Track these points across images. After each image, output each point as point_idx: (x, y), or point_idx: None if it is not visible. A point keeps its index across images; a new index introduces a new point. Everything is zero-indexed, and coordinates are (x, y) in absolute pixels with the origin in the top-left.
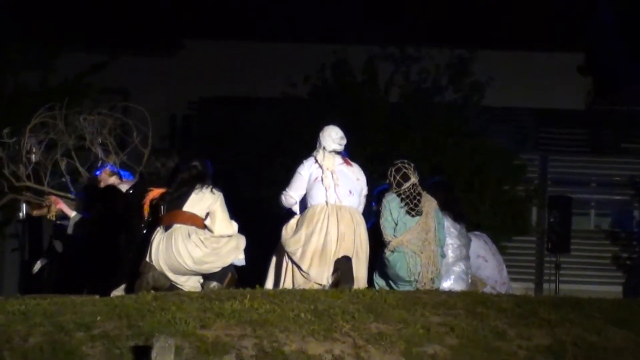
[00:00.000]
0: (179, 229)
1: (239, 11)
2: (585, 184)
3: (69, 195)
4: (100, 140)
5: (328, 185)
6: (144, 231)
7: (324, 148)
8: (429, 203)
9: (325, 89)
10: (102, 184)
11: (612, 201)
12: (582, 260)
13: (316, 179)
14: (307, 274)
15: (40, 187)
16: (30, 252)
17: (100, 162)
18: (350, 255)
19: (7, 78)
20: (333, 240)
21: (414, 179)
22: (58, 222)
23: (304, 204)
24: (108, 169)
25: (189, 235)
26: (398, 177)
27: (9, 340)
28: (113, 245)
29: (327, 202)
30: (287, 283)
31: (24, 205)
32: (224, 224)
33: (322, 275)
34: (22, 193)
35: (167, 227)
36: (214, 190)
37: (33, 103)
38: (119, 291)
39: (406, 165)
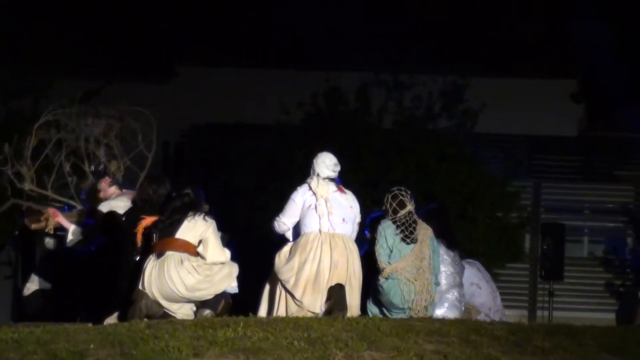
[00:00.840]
0: (171, 256)
1: (232, 38)
2: (579, 211)
3: (71, 202)
4: (105, 142)
5: (322, 213)
6: (137, 258)
7: (318, 175)
8: (424, 231)
9: (318, 115)
10: (102, 194)
11: (606, 228)
12: (575, 287)
13: (310, 206)
14: (301, 302)
15: (44, 192)
16: (23, 280)
17: (102, 166)
18: (344, 283)
19: None
20: (326, 268)
21: (410, 207)
22: (58, 232)
23: (297, 231)
24: (108, 178)
25: (182, 262)
26: (394, 204)
27: None
28: (110, 272)
29: (320, 230)
30: (280, 311)
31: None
32: (216, 251)
33: (315, 304)
34: (24, 198)
35: (159, 255)
36: (206, 217)
37: (26, 129)
38: (112, 319)
39: (403, 193)
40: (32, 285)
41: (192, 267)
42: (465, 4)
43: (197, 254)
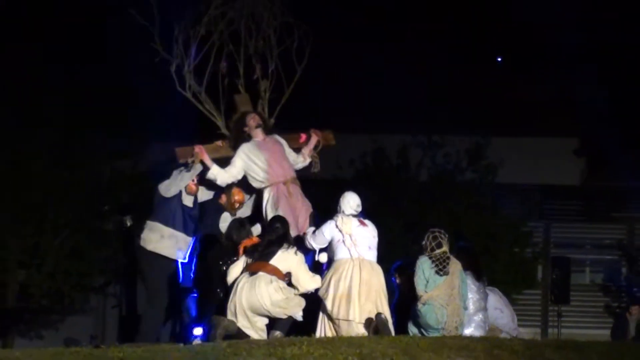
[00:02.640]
0: (263, 276)
1: (298, 105)
2: (582, 247)
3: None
4: None
5: (350, 245)
6: (224, 268)
7: (343, 212)
8: (455, 265)
9: (366, 171)
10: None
11: (604, 260)
12: (580, 309)
13: (338, 240)
14: (337, 313)
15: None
16: (127, 308)
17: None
18: (373, 297)
19: (103, 165)
20: (356, 284)
21: (445, 247)
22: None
23: (330, 258)
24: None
25: (271, 282)
26: (433, 244)
27: None
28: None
29: (351, 257)
30: (325, 327)
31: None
32: (307, 280)
33: (348, 312)
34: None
35: (252, 274)
36: (297, 252)
37: (128, 186)
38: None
39: (442, 235)
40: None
41: (279, 287)
42: (484, 78)
43: (284, 278)
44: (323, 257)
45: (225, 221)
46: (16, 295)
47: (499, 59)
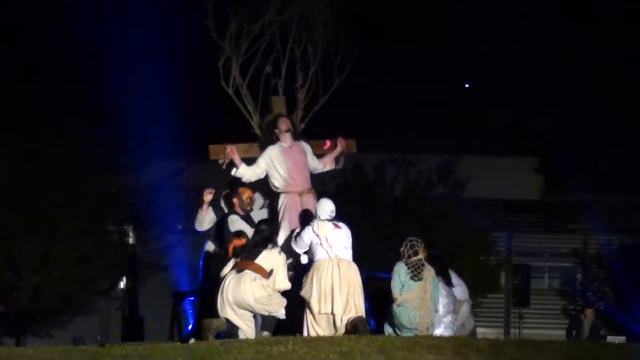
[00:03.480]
0: (248, 274)
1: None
2: (541, 255)
3: None
4: None
5: (327, 247)
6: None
7: (319, 217)
8: (428, 271)
9: (346, 185)
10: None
11: (561, 267)
12: (539, 311)
13: (317, 243)
14: (320, 310)
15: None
16: (129, 310)
17: None
18: (351, 291)
19: (107, 181)
20: (336, 281)
21: (421, 255)
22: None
23: (310, 259)
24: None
25: (255, 280)
26: (410, 252)
27: None
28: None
29: (329, 257)
30: (309, 320)
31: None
32: (282, 281)
33: (332, 306)
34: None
35: (239, 271)
36: (281, 252)
37: (130, 199)
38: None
39: (418, 244)
40: None
41: (262, 285)
42: (454, 103)
43: (267, 277)
44: (304, 259)
45: (232, 223)
46: (29, 298)
47: (467, 86)
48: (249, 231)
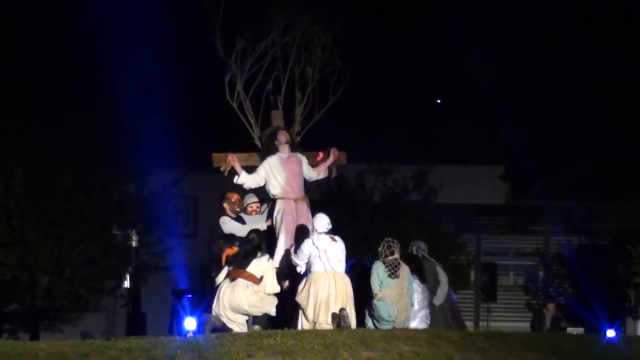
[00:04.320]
0: (241, 282)
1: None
2: (506, 254)
3: None
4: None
5: (325, 260)
6: (212, 274)
7: (316, 230)
8: (404, 269)
9: (329, 193)
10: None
11: (524, 266)
12: (505, 306)
13: (316, 255)
14: (316, 319)
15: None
16: (133, 307)
17: None
18: (345, 304)
19: (113, 189)
20: (332, 294)
21: (397, 255)
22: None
23: (308, 268)
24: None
25: (248, 287)
26: (387, 252)
27: None
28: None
29: (325, 270)
30: (300, 324)
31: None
32: (273, 285)
33: (327, 318)
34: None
35: (232, 279)
36: (269, 259)
37: (134, 206)
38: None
39: (394, 244)
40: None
41: (254, 292)
42: (428, 117)
43: (258, 283)
44: (302, 268)
45: (224, 223)
46: (42, 296)
47: (439, 102)
48: (241, 228)
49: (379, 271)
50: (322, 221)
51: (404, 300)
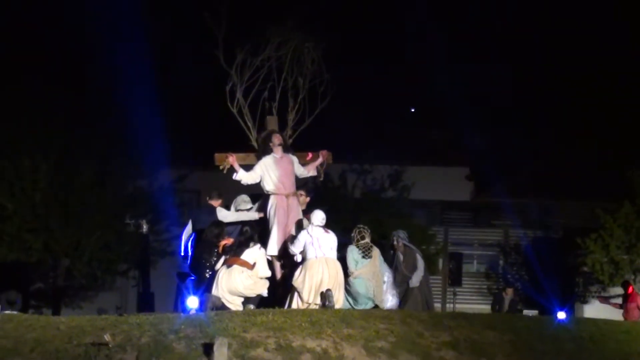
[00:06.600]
0: (236, 268)
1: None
2: (471, 245)
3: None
4: None
5: (317, 247)
6: (213, 260)
7: (312, 223)
8: (375, 251)
9: (316, 190)
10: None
11: (487, 255)
12: (469, 290)
13: (309, 243)
14: (310, 301)
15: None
16: (142, 287)
17: None
18: (335, 286)
19: (127, 183)
20: (325, 278)
21: (367, 239)
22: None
23: (303, 256)
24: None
25: (242, 272)
26: (359, 237)
27: (129, 339)
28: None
29: (317, 256)
30: (294, 303)
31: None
32: (264, 270)
33: (317, 300)
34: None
35: (229, 266)
36: (260, 247)
37: (147, 199)
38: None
39: (365, 230)
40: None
41: (248, 276)
42: (401, 123)
43: (252, 268)
44: (298, 257)
45: (219, 212)
46: (63, 277)
47: (412, 110)
48: (234, 213)
49: (353, 253)
50: (319, 216)
51: (378, 277)
